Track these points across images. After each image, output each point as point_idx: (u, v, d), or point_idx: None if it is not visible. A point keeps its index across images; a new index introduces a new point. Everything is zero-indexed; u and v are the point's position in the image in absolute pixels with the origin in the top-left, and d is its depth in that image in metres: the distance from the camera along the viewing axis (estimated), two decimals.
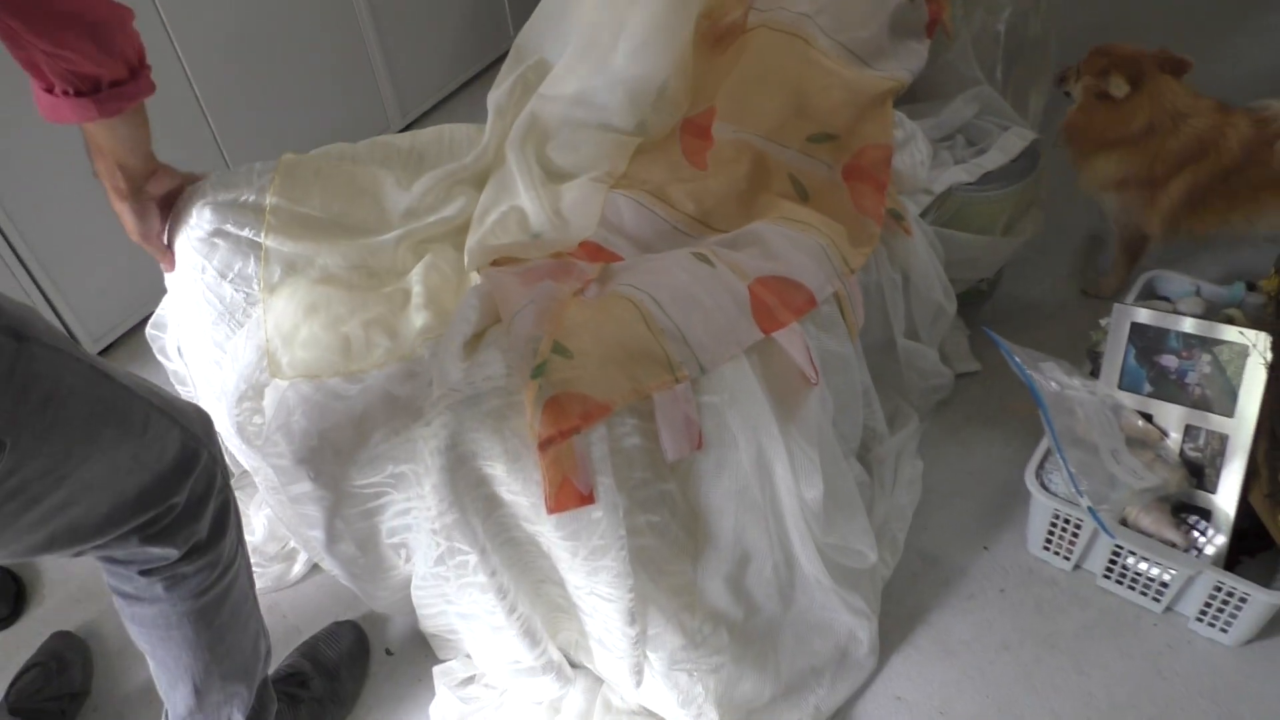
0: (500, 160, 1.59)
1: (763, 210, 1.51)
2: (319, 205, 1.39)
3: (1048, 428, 1.41)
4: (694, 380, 1.20)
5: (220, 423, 1.33)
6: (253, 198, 1.34)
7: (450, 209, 1.50)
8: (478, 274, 1.35)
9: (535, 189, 1.52)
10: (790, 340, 1.27)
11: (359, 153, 1.47)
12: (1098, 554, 1.47)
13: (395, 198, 1.47)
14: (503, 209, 1.50)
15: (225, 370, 1.32)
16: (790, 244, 1.38)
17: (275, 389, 1.26)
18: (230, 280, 1.32)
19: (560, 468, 1.11)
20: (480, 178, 1.58)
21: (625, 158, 1.60)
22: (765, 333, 1.26)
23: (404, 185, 1.48)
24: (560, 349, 1.16)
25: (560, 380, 1.13)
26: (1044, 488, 1.46)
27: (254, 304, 1.32)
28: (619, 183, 1.57)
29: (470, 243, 1.44)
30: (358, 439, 1.22)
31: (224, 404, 1.30)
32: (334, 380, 1.24)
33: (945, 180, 1.65)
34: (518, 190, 1.53)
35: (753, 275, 1.32)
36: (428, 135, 1.56)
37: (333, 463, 1.23)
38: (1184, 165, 1.65)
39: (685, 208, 1.52)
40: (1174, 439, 1.46)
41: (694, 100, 1.65)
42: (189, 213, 1.30)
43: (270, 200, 1.35)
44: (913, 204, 1.60)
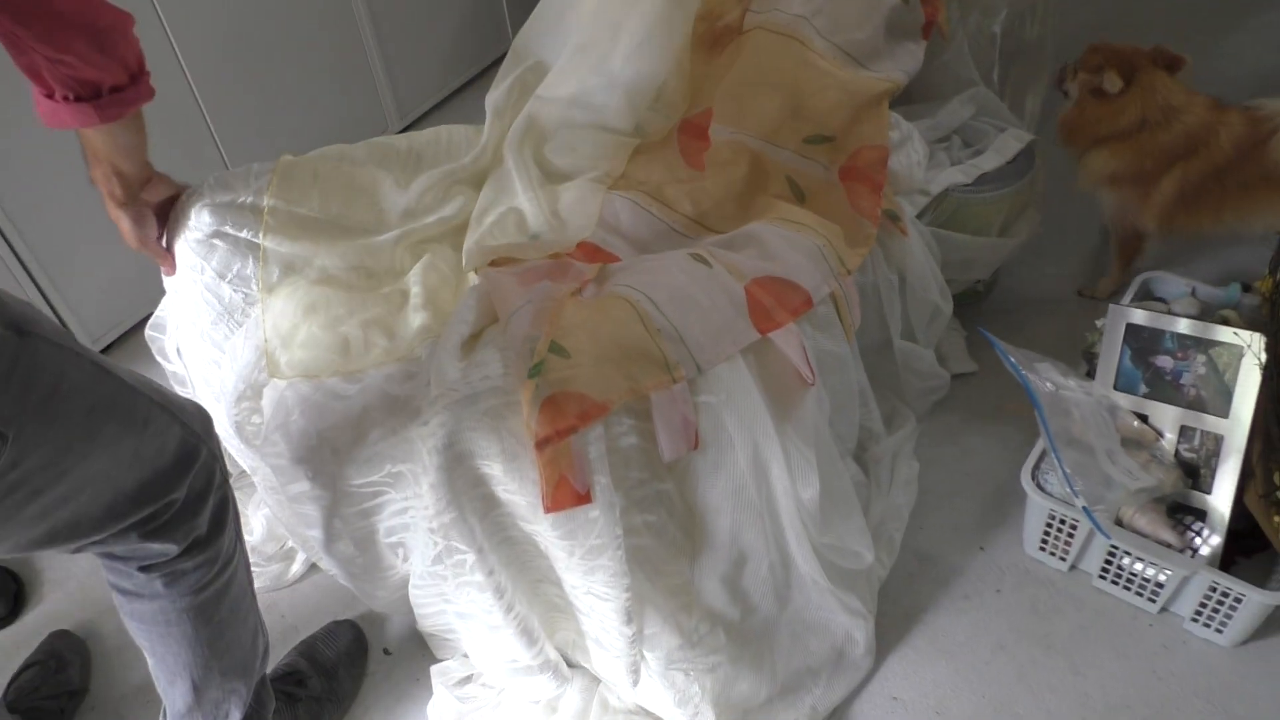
0: (498, 161, 1.59)
1: (760, 211, 1.51)
2: (317, 206, 1.39)
3: (1043, 428, 1.42)
4: (691, 380, 1.20)
5: (219, 422, 1.33)
6: (251, 199, 1.35)
7: (448, 209, 1.50)
8: (475, 274, 1.36)
9: (533, 190, 1.53)
10: (787, 341, 1.27)
11: (357, 153, 1.48)
12: (1093, 554, 1.47)
13: (393, 198, 1.47)
14: (501, 210, 1.50)
15: (224, 370, 1.32)
16: (787, 245, 1.38)
17: (274, 389, 1.26)
18: (229, 281, 1.32)
19: (557, 467, 1.11)
20: (478, 178, 1.59)
21: (623, 159, 1.61)
22: (762, 333, 1.26)
23: (402, 186, 1.49)
24: (557, 348, 1.16)
25: (557, 380, 1.13)
26: (1040, 488, 1.47)
27: (253, 304, 1.32)
28: (617, 184, 1.57)
29: (468, 243, 1.44)
30: (356, 438, 1.23)
31: (223, 404, 1.31)
32: (332, 380, 1.24)
33: (942, 181, 1.65)
34: (516, 191, 1.53)
35: (749, 276, 1.32)
36: (426, 136, 1.57)
37: (331, 462, 1.24)
38: (1175, 161, 1.65)
39: (682, 208, 1.53)
40: (1169, 440, 1.46)
41: (691, 102, 1.66)
42: (187, 215, 1.31)
43: (268, 201, 1.35)
44: (909, 205, 1.60)
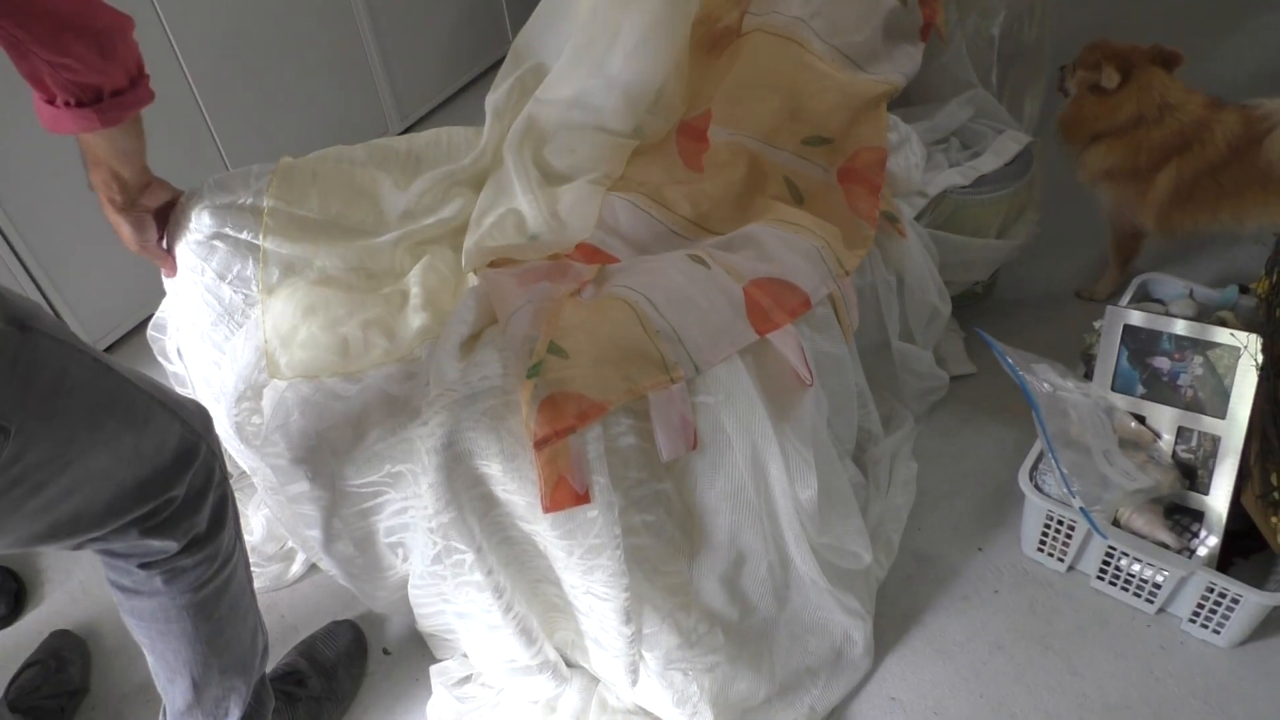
0: (498, 163, 1.60)
1: (758, 213, 1.52)
2: (317, 207, 1.40)
3: (1040, 429, 1.42)
4: (689, 381, 1.20)
5: (219, 423, 1.33)
6: (250, 200, 1.35)
7: (448, 210, 1.51)
8: (475, 275, 1.36)
9: (533, 191, 1.53)
10: (785, 341, 1.28)
11: (356, 155, 1.48)
12: (1091, 555, 1.47)
13: (393, 199, 1.47)
14: (500, 211, 1.51)
15: (224, 371, 1.33)
16: (785, 246, 1.39)
17: (274, 389, 1.26)
18: (229, 282, 1.33)
19: (556, 467, 1.12)
20: (478, 180, 1.59)
21: (622, 160, 1.61)
22: (760, 334, 1.26)
23: (401, 187, 1.49)
24: (556, 349, 1.16)
25: (556, 380, 1.14)
26: (1038, 489, 1.47)
27: (253, 305, 1.33)
28: (616, 185, 1.58)
29: (468, 244, 1.45)
30: (355, 438, 1.23)
31: (223, 404, 1.31)
32: (332, 380, 1.25)
33: (940, 183, 1.66)
34: (515, 192, 1.54)
35: (748, 277, 1.32)
36: (425, 138, 1.57)
37: (330, 462, 1.24)
38: (1169, 157, 1.66)
39: (681, 210, 1.53)
40: (1166, 440, 1.46)
41: (690, 104, 1.66)
42: (188, 217, 1.31)
43: (268, 203, 1.35)
44: (907, 206, 1.61)
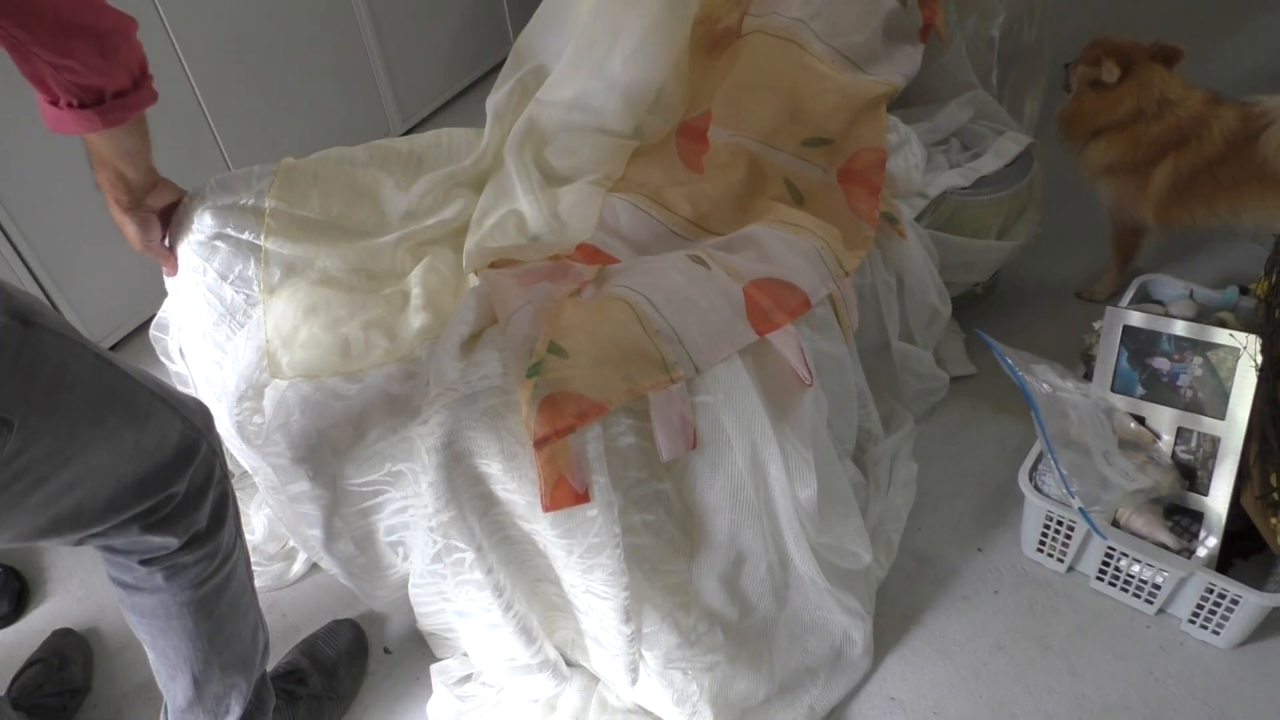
0: (499, 164, 1.60)
1: (758, 213, 1.52)
2: (318, 208, 1.40)
3: (1039, 429, 1.42)
4: (689, 380, 1.21)
5: (221, 422, 1.34)
6: (252, 201, 1.36)
7: (449, 211, 1.51)
8: (476, 276, 1.37)
9: (534, 192, 1.54)
10: (784, 342, 1.28)
11: (358, 156, 1.49)
12: (1091, 556, 1.48)
13: (394, 200, 1.48)
14: (501, 212, 1.51)
15: (226, 370, 1.33)
16: (785, 247, 1.39)
17: (275, 389, 1.27)
18: (231, 282, 1.33)
19: (556, 466, 1.12)
20: (478, 181, 1.60)
21: (622, 161, 1.61)
22: (760, 334, 1.27)
23: (403, 188, 1.50)
24: (556, 349, 1.17)
25: (555, 379, 1.14)
26: (1037, 489, 1.47)
27: (254, 305, 1.33)
28: (616, 186, 1.58)
29: (469, 245, 1.45)
30: (356, 437, 1.24)
31: (224, 404, 1.32)
32: (333, 380, 1.25)
33: (940, 184, 1.66)
34: (516, 194, 1.54)
35: (748, 277, 1.33)
36: (426, 139, 1.58)
37: (331, 461, 1.24)
38: (1166, 152, 1.66)
39: (681, 211, 1.54)
40: (1166, 441, 1.46)
41: (690, 105, 1.67)
42: (190, 217, 1.32)
43: (270, 203, 1.36)
44: (908, 207, 1.61)
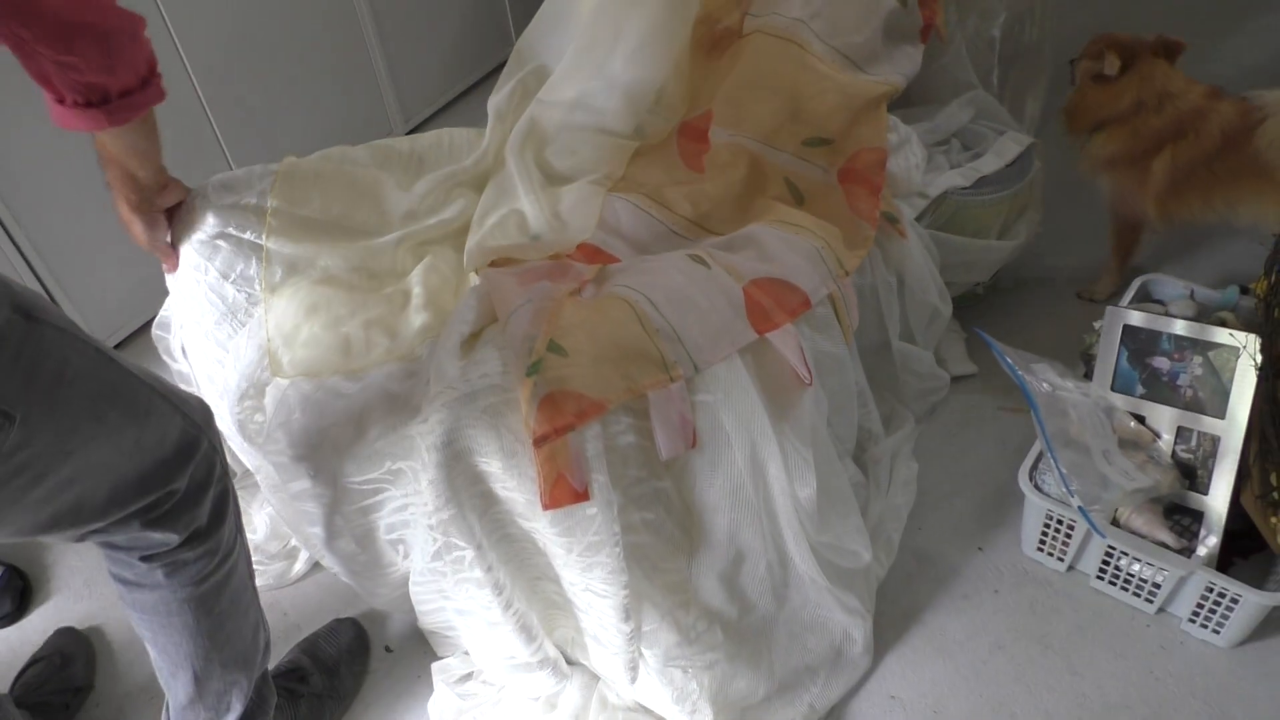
0: (500, 164, 1.61)
1: (758, 213, 1.52)
2: (320, 208, 1.41)
3: (1039, 428, 1.42)
4: (688, 379, 1.21)
5: (222, 421, 1.34)
6: (254, 200, 1.36)
7: (450, 211, 1.51)
8: (476, 275, 1.37)
9: (534, 192, 1.54)
10: (784, 341, 1.28)
11: (359, 155, 1.49)
12: (1091, 555, 1.48)
13: (395, 200, 1.48)
14: (502, 212, 1.51)
15: (227, 369, 1.33)
16: (785, 246, 1.39)
17: (276, 387, 1.27)
18: (232, 281, 1.33)
19: (555, 464, 1.13)
20: (480, 181, 1.60)
21: (623, 161, 1.62)
22: (760, 333, 1.27)
23: (404, 188, 1.50)
24: (555, 347, 1.17)
25: (555, 378, 1.14)
26: (1037, 489, 1.47)
27: (256, 304, 1.34)
28: (617, 186, 1.59)
29: (470, 244, 1.46)
30: (356, 435, 1.24)
31: (226, 402, 1.32)
32: (334, 379, 1.25)
33: (941, 184, 1.66)
34: (517, 193, 1.54)
35: (748, 277, 1.33)
36: (427, 139, 1.58)
37: (332, 460, 1.25)
38: (1164, 144, 1.67)
39: (682, 210, 1.54)
40: (1166, 440, 1.46)
41: (691, 105, 1.67)
42: (193, 216, 1.32)
43: (272, 203, 1.36)
44: (908, 207, 1.61)
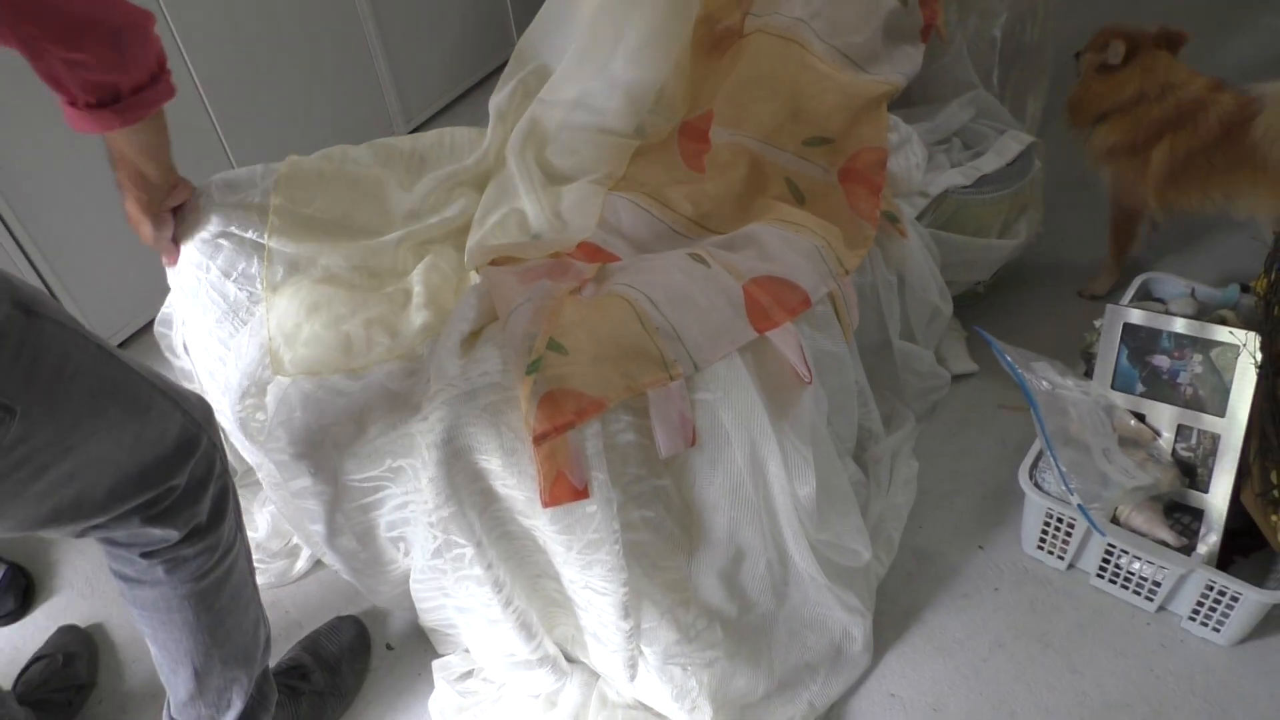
0: (501, 163, 1.61)
1: (759, 212, 1.53)
2: (322, 207, 1.41)
3: (1039, 426, 1.43)
4: (688, 378, 1.21)
5: (224, 418, 1.35)
6: (257, 199, 1.36)
7: (451, 210, 1.52)
8: (477, 273, 1.38)
9: (535, 191, 1.54)
10: (784, 340, 1.28)
11: (361, 155, 1.49)
12: (1091, 553, 1.48)
13: (397, 199, 1.49)
14: (503, 211, 1.52)
15: (229, 367, 1.34)
16: (786, 245, 1.39)
17: (278, 386, 1.27)
18: (234, 280, 1.34)
19: (555, 462, 1.13)
20: (481, 180, 1.61)
21: (624, 160, 1.62)
22: (759, 332, 1.27)
23: (405, 187, 1.51)
24: (555, 346, 1.17)
25: (555, 376, 1.15)
26: (1038, 487, 1.47)
27: (257, 302, 1.34)
28: (618, 185, 1.59)
29: (470, 243, 1.46)
30: (356, 433, 1.24)
31: (228, 400, 1.33)
32: (335, 377, 1.26)
33: (941, 183, 1.67)
34: (518, 193, 1.55)
35: (748, 276, 1.33)
36: (429, 138, 1.58)
37: (332, 457, 1.25)
38: (1164, 133, 1.68)
39: (683, 210, 1.54)
40: (1166, 438, 1.47)
41: (691, 104, 1.67)
42: (196, 215, 1.32)
43: (274, 201, 1.37)
44: (909, 206, 1.61)
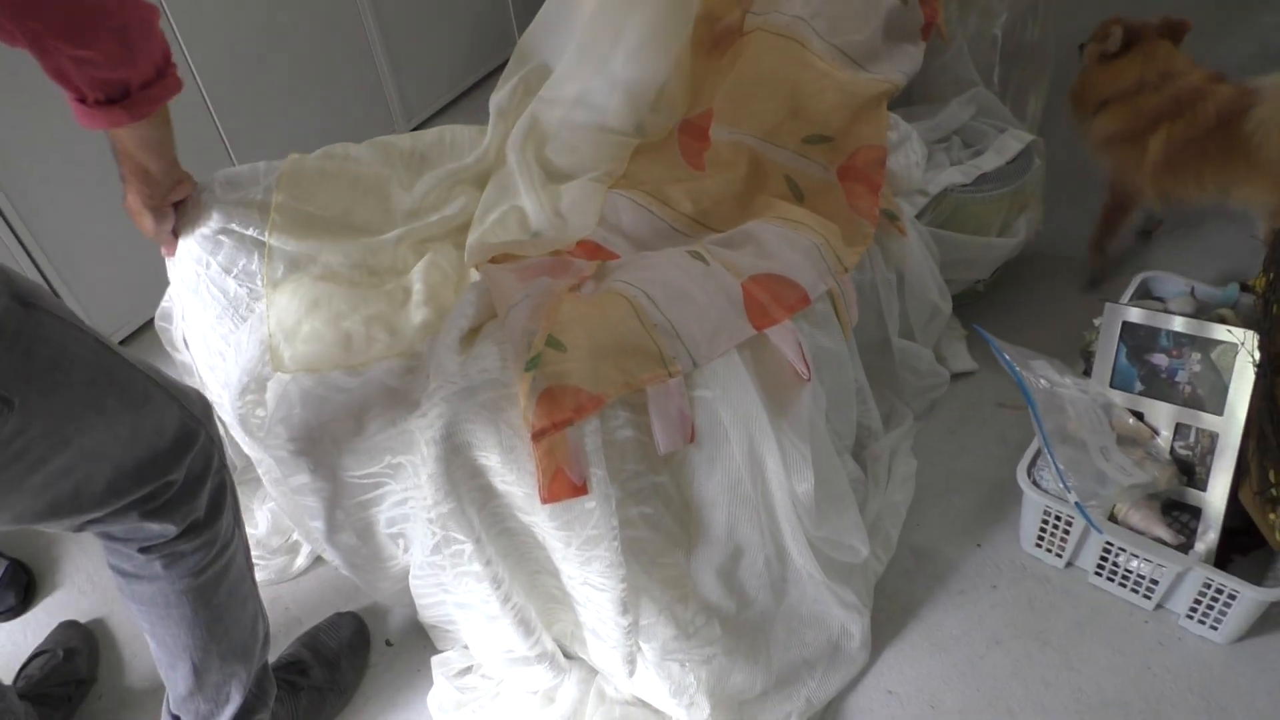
0: (501, 161, 1.62)
1: (759, 210, 1.53)
2: (323, 205, 1.41)
3: (1036, 424, 1.43)
4: (687, 375, 1.22)
5: (225, 414, 1.35)
6: (259, 196, 1.37)
7: (451, 208, 1.52)
8: (477, 271, 1.38)
9: (535, 189, 1.55)
10: (782, 337, 1.29)
11: (363, 154, 1.50)
12: (1089, 551, 1.48)
13: (398, 197, 1.49)
14: (503, 209, 1.52)
15: (229, 363, 1.34)
16: (785, 243, 1.40)
17: (278, 382, 1.28)
18: (234, 276, 1.34)
19: (554, 459, 1.13)
20: (481, 178, 1.61)
21: (624, 159, 1.63)
22: (758, 329, 1.27)
23: (406, 185, 1.51)
24: (554, 342, 1.18)
25: (554, 373, 1.15)
26: (1036, 485, 1.47)
27: (257, 299, 1.34)
28: (618, 183, 1.60)
29: (470, 240, 1.46)
30: (356, 430, 1.25)
31: (228, 395, 1.33)
32: (334, 374, 1.26)
33: (941, 181, 1.67)
34: (518, 191, 1.55)
35: (747, 273, 1.33)
36: (429, 136, 1.59)
37: (332, 454, 1.26)
38: (1161, 122, 1.69)
39: (683, 208, 1.55)
40: (1164, 437, 1.47)
41: (691, 102, 1.68)
42: (198, 210, 1.33)
43: (276, 199, 1.37)
44: (908, 205, 1.62)
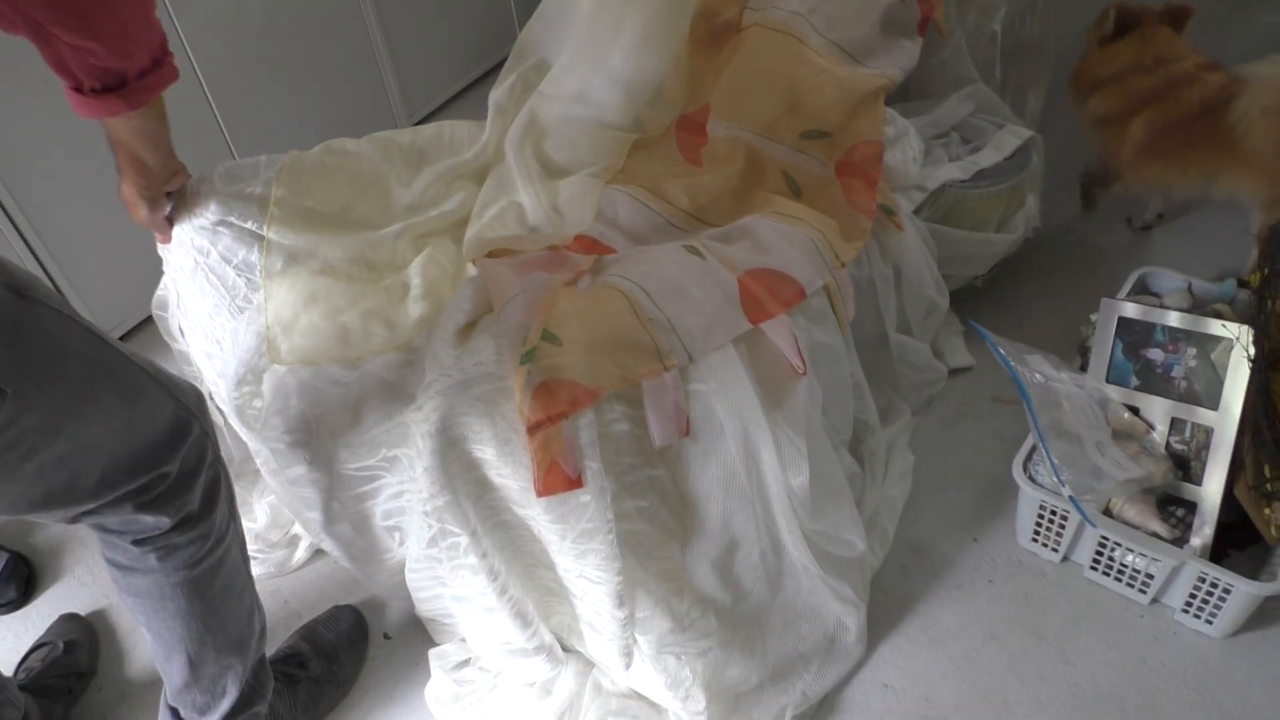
0: (500, 157, 1.62)
1: (756, 206, 1.53)
2: (322, 199, 1.42)
3: (1031, 419, 1.43)
4: (682, 368, 1.22)
5: (221, 404, 1.36)
6: (258, 190, 1.37)
7: (450, 203, 1.53)
8: (474, 265, 1.38)
9: (533, 185, 1.55)
10: (778, 331, 1.29)
11: (362, 149, 1.50)
12: (1085, 546, 1.48)
13: (397, 193, 1.49)
14: (501, 204, 1.53)
15: (225, 353, 1.35)
16: (781, 238, 1.40)
17: (274, 374, 1.28)
18: (234, 267, 1.34)
19: (549, 451, 1.14)
20: (480, 173, 1.61)
21: (622, 154, 1.63)
22: (754, 323, 1.28)
23: (405, 181, 1.51)
24: (550, 336, 1.18)
25: (549, 366, 1.16)
26: (1031, 480, 1.48)
27: (255, 289, 1.34)
28: (615, 178, 1.60)
29: (468, 235, 1.47)
30: (352, 423, 1.25)
31: (224, 385, 1.33)
32: (331, 367, 1.27)
33: (939, 177, 1.67)
34: (516, 186, 1.55)
35: (743, 268, 1.34)
36: (428, 131, 1.59)
37: (328, 446, 1.26)
38: (1146, 104, 1.70)
39: (680, 203, 1.55)
40: (1160, 432, 1.47)
41: (690, 98, 1.68)
42: (196, 201, 1.33)
43: (276, 193, 1.37)
44: (906, 200, 1.62)
